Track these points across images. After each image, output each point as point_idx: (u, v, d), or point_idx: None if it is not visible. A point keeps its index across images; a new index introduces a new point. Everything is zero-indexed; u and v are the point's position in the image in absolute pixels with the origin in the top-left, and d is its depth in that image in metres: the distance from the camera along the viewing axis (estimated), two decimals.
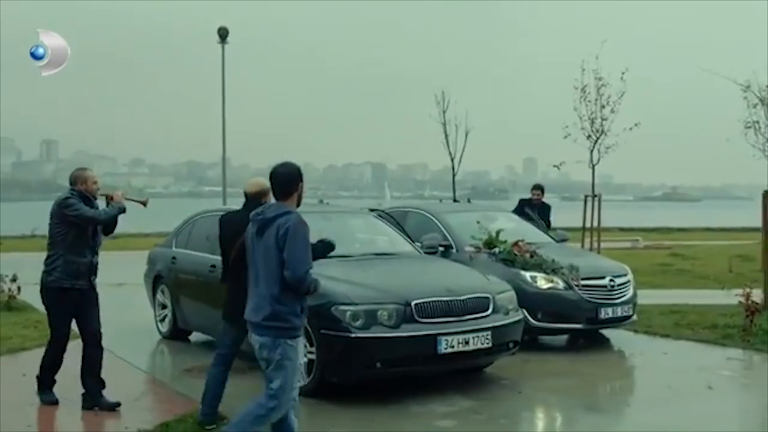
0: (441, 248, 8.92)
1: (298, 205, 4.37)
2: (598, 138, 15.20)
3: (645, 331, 9.30)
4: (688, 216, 50.21)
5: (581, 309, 8.13)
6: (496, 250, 8.55)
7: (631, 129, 15.22)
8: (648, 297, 11.96)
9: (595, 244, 14.86)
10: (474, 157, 15.23)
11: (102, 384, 5.97)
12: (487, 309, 6.41)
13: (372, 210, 9.00)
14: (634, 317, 8.71)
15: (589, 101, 14.93)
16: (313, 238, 4.49)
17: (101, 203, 5.99)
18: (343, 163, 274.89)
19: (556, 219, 13.79)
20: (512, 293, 6.86)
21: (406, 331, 5.97)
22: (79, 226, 5.78)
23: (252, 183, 5.59)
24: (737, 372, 7.38)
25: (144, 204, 6.37)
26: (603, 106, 14.94)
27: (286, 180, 4.33)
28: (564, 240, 9.88)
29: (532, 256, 8.39)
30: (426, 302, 6.09)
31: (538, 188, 11.37)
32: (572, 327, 8.24)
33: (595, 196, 15.13)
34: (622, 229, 36.10)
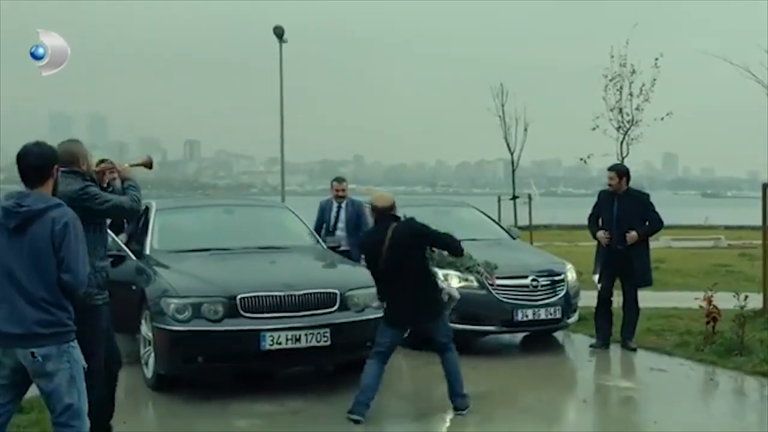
0: None
1: (54, 194, 3.77)
2: (627, 129, 14.33)
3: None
4: None
5: (495, 310, 7.56)
6: None
7: (662, 119, 14.30)
8: (659, 299, 11.09)
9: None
10: (611, 153, 14.35)
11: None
12: (332, 305, 6.09)
13: None
14: (569, 320, 8.02)
15: (618, 90, 14.16)
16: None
17: None
18: (475, 160, 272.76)
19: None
20: (375, 290, 6.47)
21: (227, 326, 5.78)
22: (101, 222, 4.54)
23: (381, 197, 5.66)
24: (641, 384, 6.61)
25: (148, 166, 5.12)
26: (631, 95, 14.10)
27: (42, 162, 3.71)
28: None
29: None
30: (252, 296, 5.85)
31: (613, 170, 7.85)
32: (485, 329, 7.70)
33: None
34: (727, 227, 33.76)
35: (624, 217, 7.70)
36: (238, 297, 5.84)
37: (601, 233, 7.76)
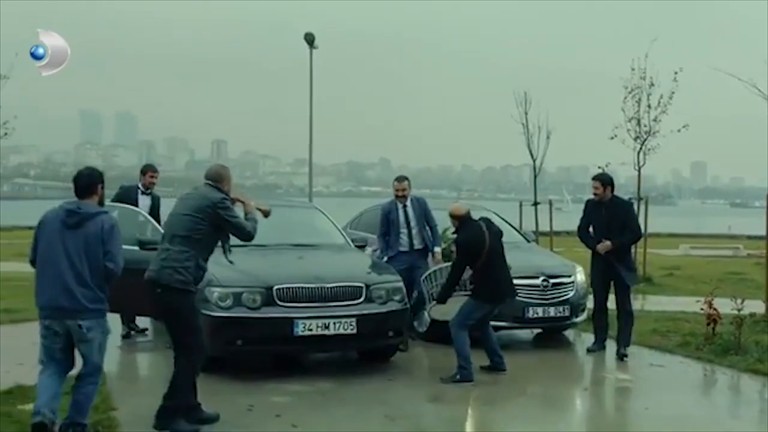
0: None
1: (101, 205, 4.98)
2: (645, 140, 14.79)
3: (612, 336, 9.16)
4: None
5: (507, 307, 8.10)
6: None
7: (679, 131, 14.74)
8: (669, 304, 11.65)
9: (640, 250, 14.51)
10: (628, 162, 14.49)
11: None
12: (358, 297, 6.77)
13: None
14: (576, 319, 8.62)
15: (637, 101, 14.61)
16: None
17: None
18: (501, 165, 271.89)
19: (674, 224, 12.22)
20: (398, 285, 7.12)
21: (264, 313, 6.50)
22: (221, 232, 5.38)
23: (458, 208, 7.19)
24: (639, 377, 7.22)
25: (266, 215, 5.78)
26: (650, 107, 14.55)
27: (90, 182, 4.93)
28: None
29: None
30: (287, 287, 6.57)
31: (597, 179, 8.14)
32: (498, 324, 8.26)
33: (641, 199, 14.74)
34: (750, 237, 33.85)
35: (614, 224, 8.03)
36: (275, 288, 6.56)
37: (605, 244, 8.00)
